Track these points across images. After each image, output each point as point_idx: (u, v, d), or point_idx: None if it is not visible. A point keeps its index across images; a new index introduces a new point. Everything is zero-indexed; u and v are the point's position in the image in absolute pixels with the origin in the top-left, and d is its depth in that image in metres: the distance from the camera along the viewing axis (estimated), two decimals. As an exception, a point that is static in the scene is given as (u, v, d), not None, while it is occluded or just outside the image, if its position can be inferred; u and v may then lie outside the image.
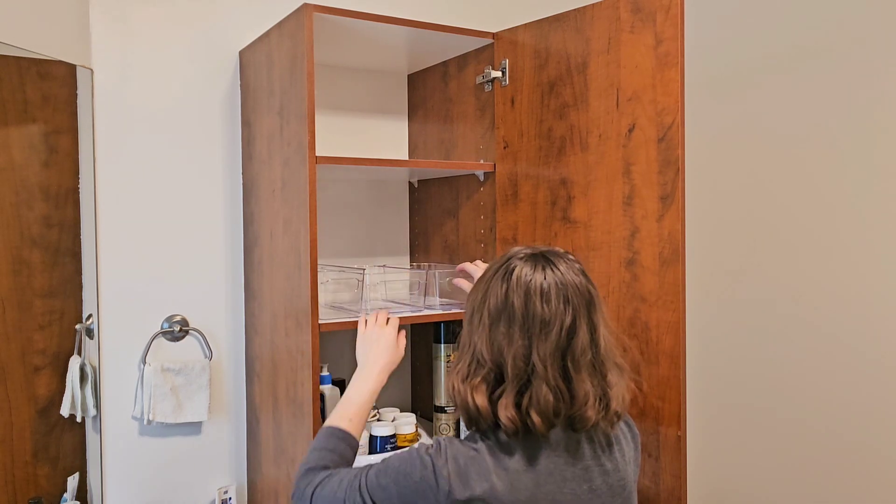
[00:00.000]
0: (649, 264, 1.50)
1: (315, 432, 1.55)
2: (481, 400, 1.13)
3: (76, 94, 1.74)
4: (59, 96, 1.70)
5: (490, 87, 1.87)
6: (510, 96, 1.81)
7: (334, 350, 2.09)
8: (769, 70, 2.16)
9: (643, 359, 1.52)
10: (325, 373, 1.84)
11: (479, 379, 1.14)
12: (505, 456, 1.12)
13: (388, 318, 1.54)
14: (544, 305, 1.12)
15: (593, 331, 1.15)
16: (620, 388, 1.18)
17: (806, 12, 2.07)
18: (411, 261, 2.22)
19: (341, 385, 1.97)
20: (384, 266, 2.13)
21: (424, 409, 2.14)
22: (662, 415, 1.49)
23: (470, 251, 1.96)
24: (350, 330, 2.11)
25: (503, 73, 1.82)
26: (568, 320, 1.12)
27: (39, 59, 1.63)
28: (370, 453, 1.75)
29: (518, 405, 1.11)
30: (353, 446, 1.31)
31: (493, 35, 1.85)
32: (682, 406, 1.46)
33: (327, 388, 1.80)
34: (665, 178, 1.47)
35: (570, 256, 1.21)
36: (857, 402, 1.98)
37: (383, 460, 1.18)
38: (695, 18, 2.33)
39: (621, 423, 1.25)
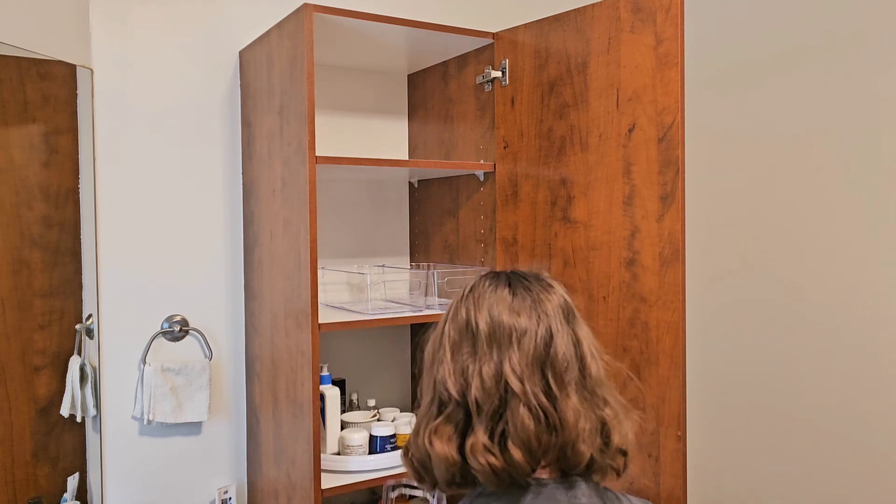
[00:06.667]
0: (649, 264, 1.50)
1: (315, 432, 1.55)
2: (442, 446, 0.90)
3: (76, 94, 1.74)
4: (59, 96, 1.70)
5: (490, 87, 1.87)
6: (510, 96, 1.81)
7: (334, 350, 2.09)
8: (769, 69, 2.16)
9: (643, 359, 1.52)
10: (325, 373, 1.84)
11: (441, 420, 0.91)
12: None
13: None
14: (511, 314, 0.93)
15: (577, 343, 0.94)
16: (623, 424, 0.96)
17: (806, 12, 2.07)
18: (411, 261, 2.22)
19: (341, 385, 1.97)
20: (384, 266, 2.13)
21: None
22: (662, 415, 1.49)
23: (470, 251, 1.96)
24: (350, 330, 2.11)
25: (503, 73, 1.82)
26: (542, 327, 0.93)
27: (39, 59, 1.63)
28: (370, 453, 1.76)
29: (491, 440, 0.88)
30: None
31: (493, 35, 1.85)
32: (682, 406, 1.46)
33: (327, 388, 1.80)
34: (665, 178, 1.47)
35: (543, 273, 1.03)
36: (858, 401, 1.98)
37: None
38: (695, 18, 2.33)
39: None
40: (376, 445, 1.76)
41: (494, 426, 0.89)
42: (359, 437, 1.75)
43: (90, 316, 1.77)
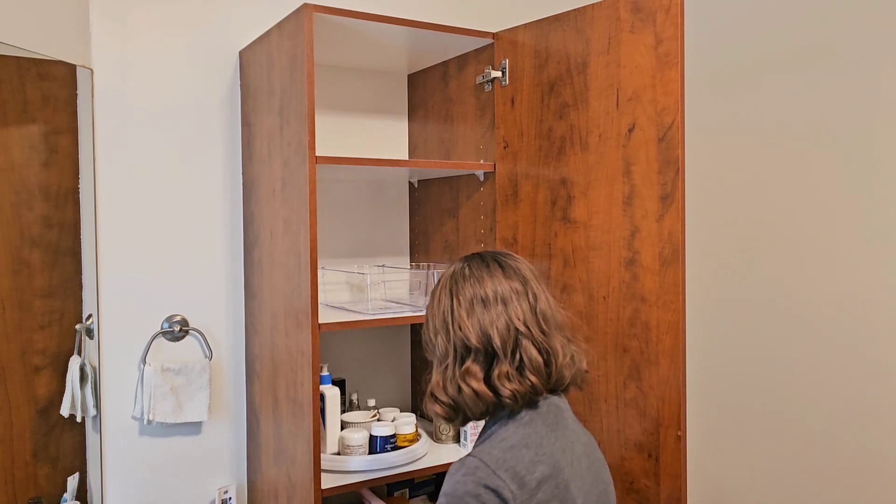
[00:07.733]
0: (649, 264, 1.50)
1: (315, 432, 1.55)
2: (477, 383, 1.18)
3: (76, 95, 1.74)
4: (59, 96, 1.70)
5: (490, 87, 1.87)
6: (510, 96, 1.81)
7: (334, 350, 2.09)
8: (769, 69, 2.16)
9: (643, 359, 1.52)
10: (325, 373, 1.84)
11: (469, 363, 1.19)
12: (526, 433, 1.15)
13: None
14: (507, 281, 1.22)
15: (548, 298, 1.26)
16: (582, 354, 1.29)
17: (805, 12, 2.07)
18: (411, 261, 2.22)
19: (341, 385, 1.97)
20: (384, 266, 2.13)
21: (424, 408, 2.14)
22: (662, 415, 1.49)
23: (470, 251, 1.96)
24: (350, 330, 2.12)
25: (503, 73, 1.82)
26: (529, 287, 1.23)
27: (39, 60, 1.63)
28: (370, 453, 1.76)
29: (516, 372, 1.18)
30: None
31: (493, 35, 1.85)
32: (682, 406, 1.46)
33: (327, 388, 1.80)
34: (665, 178, 1.47)
35: (507, 251, 1.32)
36: (857, 401, 1.98)
37: None
38: (695, 18, 2.34)
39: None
40: (376, 445, 1.76)
41: (512, 361, 1.18)
42: (359, 437, 1.75)
43: (90, 316, 1.77)
